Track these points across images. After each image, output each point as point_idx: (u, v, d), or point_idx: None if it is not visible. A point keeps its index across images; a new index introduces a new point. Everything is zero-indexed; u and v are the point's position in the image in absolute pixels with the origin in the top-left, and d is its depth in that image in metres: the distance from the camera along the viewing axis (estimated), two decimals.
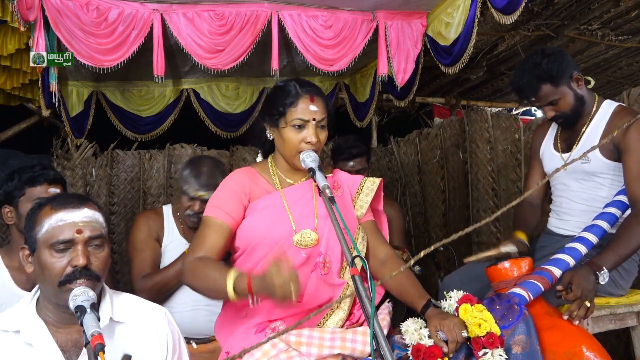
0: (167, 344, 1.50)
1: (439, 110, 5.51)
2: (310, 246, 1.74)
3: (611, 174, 2.09)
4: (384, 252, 1.86)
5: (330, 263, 1.75)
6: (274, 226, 1.74)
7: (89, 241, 1.40)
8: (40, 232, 1.39)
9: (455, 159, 4.13)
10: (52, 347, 1.37)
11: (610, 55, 4.33)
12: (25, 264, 1.45)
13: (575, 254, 1.91)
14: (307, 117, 1.75)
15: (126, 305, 1.51)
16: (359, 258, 1.46)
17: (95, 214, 1.45)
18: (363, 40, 3.09)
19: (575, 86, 2.11)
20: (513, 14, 2.47)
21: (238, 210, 1.76)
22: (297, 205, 1.78)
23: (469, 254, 2.22)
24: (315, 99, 1.77)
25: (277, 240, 1.73)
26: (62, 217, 1.39)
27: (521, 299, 1.73)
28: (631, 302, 2.07)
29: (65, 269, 1.37)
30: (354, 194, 1.91)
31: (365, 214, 1.91)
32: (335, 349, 1.60)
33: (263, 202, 1.78)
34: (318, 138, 1.76)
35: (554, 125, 2.31)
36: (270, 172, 1.86)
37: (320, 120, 1.77)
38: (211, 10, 2.83)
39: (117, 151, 3.96)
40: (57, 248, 1.37)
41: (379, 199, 1.97)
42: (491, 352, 1.57)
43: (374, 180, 1.94)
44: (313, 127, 1.75)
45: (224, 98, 4.02)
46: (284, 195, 1.79)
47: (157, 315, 1.52)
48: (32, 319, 1.40)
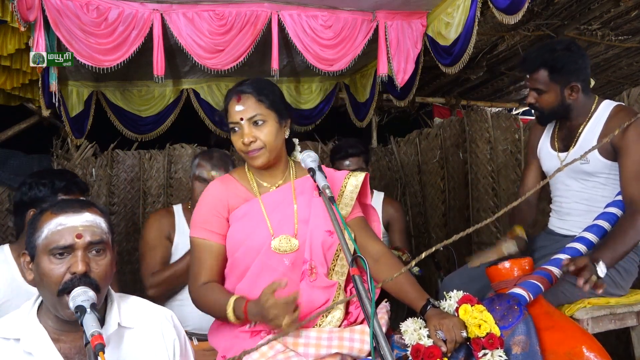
0: (173, 349, 1.48)
1: (439, 110, 5.51)
2: (291, 252, 1.72)
3: (610, 173, 2.09)
4: (375, 249, 1.81)
5: (316, 268, 1.73)
6: (252, 234, 1.73)
7: (89, 247, 1.34)
8: (40, 238, 1.33)
9: (455, 159, 4.13)
10: (54, 356, 1.32)
11: (610, 55, 4.33)
12: (25, 271, 1.39)
13: (576, 253, 1.92)
14: (236, 119, 1.73)
15: (133, 309, 1.48)
16: (360, 258, 1.45)
17: (97, 218, 1.38)
18: (363, 40, 3.09)
19: (566, 93, 2.11)
20: (516, 14, 2.47)
21: (221, 225, 1.76)
22: (276, 211, 1.76)
23: (469, 254, 2.23)
24: (241, 97, 1.72)
25: (257, 247, 1.71)
26: (61, 221, 1.33)
27: (521, 299, 1.73)
28: (631, 302, 2.07)
29: (64, 276, 1.30)
30: (337, 193, 1.83)
31: (352, 211, 1.84)
32: (333, 348, 1.60)
33: (241, 210, 1.77)
34: (254, 136, 1.70)
35: (551, 123, 2.31)
36: (248, 177, 1.84)
37: (252, 117, 1.71)
38: (211, 10, 2.83)
39: (117, 151, 3.96)
40: (56, 254, 1.31)
41: (366, 192, 1.91)
42: (491, 353, 1.57)
43: (357, 176, 1.85)
44: (247, 126, 1.71)
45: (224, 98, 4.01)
46: (262, 201, 1.78)
47: (164, 320, 1.49)
48: (33, 326, 1.35)
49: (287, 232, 1.73)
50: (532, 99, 2.17)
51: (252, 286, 1.70)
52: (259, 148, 1.72)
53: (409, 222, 4.58)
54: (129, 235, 3.90)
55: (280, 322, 1.47)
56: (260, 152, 1.73)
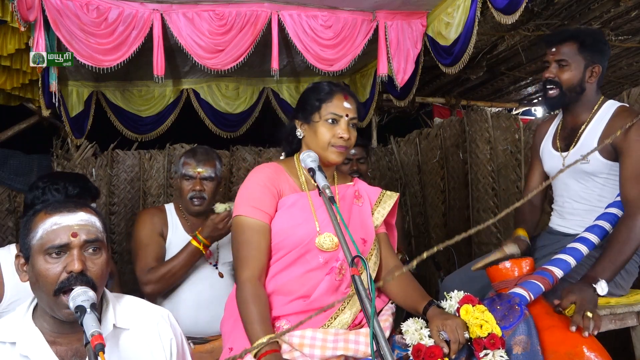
0: (170, 348, 1.47)
1: (439, 110, 5.52)
2: (330, 250, 1.74)
3: (610, 174, 2.08)
4: (392, 264, 1.89)
5: (345, 271, 1.75)
6: (300, 225, 1.74)
7: (85, 245, 1.33)
8: (35, 238, 1.32)
9: (455, 159, 4.13)
10: (50, 359, 1.32)
11: (610, 55, 4.32)
12: (20, 272, 1.38)
13: (576, 254, 1.91)
14: (341, 113, 1.80)
15: (129, 310, 1.47)
16: (360, 258, 1.45)
17: (91, 217, 1.38)
18: (363, 40, 3.09)
19: (587, 74, 2.10)
20: (514, 14, 2.48)
21: (272, 206, 1.76)
22: (321, 210, 1.77)
23: (469, 254, 2.22)
24: (348, 98, 1.84)
25: (301, 240, 1.72)
26: (56, 220, 1.33)
27: (522, 299, 1.72)
28: (631, 302, 2.06)
29: (60, 276, 1.29)
30: (374, 205, 1.93)
31: (380, 226, 1.93)
32: (339, 350, 1.60)
33: (290, 199, 1.78)
34: (350, 134, 1.80)
35: (555, 123, 2.31)
36: (297, 171, 1.86)
37: (353, 118, 1.82)
38: (211, 10, 2.83)
39: (117, 151, 3.96)
40: (52, 253, 1.30)
41: (394, 213, 1.99)
42: (492, 353, 1.56)
43: (392, 195, 1.96)
44: (345, 123, 1.80)
45: (224, 98, 4.02)
46: (310, 197, 1.80)
47: (161, 319, 1.49)
48: (29, 329, 1.34)
49: (331, 231, 1.75)
50: (551, 74, 2.11)
51: (279, 273, 1.73)
52: (348, 147, 1.82)
53: (409, 222, 4.58)
54: (129, 236, 3.89)
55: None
56: (345, 151, 1.82)
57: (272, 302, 1.71)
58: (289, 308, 1.70)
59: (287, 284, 1.72)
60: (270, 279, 1.74)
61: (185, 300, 2.40)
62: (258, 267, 1.71)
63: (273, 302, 1.72)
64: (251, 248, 1.71)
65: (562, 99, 2.14)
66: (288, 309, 1.70)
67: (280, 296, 1.72)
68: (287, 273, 1.73)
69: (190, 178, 2.47)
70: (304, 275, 1.72)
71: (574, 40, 2.09)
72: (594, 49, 2.09)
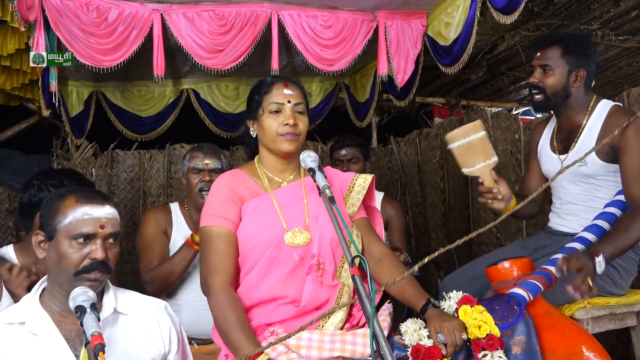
0: (169, 336, 1.57)
1: (439, 110, 5.52)
2: (302, 245, 1.72)
3: (607, 175, 2.08)
4: (378, 250, 1.84)
5: (324, 264, 1.73)
6: (266, 228, 1.72)
7: (108, 237, 1.48)
8: (63, 222, 1.44)
9: (455, 159, 4.11)
10: (56, 337, 1.42)
11: (610, 55, 4.33)
12: (36, 249, 1.50)
13: (574, 252, 1.91)
14: (282, 100, 1.77)
15: (129, 299, 1.58)
16: (360, 258, 1.45)
17: (114, 212, 1.53)
18: (363, 40, 3.09)
19: (571, 79, 2.10)
20: (513, 14, 2.48)
21: (237, 213, 1.75)
22: (288, 206, 1.76)
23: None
24: (288, 84, 1.80)
25: (269, 241, 1.71)
26: (87, 211, 1.46)
27: (521, 299, 1.72)
28: (631, 302, 2.06)
29: (82, 261, 1.43)
30: (345, 192, 1.88)
31: (358, 212, 1.88)
32: (335, 351, 1.59)
33: (252, 204, 1.76)
34: (296, 121, 1.76)
35: (551, 124, 2.31)
36: (258, 172, 1.84)
37: (297, 104, 1.78)
38: (211, 10, 2.83)
39: (117, 151, 3.96)
40: (79, 240, 1.44)
41: (372, 195, 1.94)
42: (491, 354, 1.56)
43: (365, 177, 1.90)
44: (289, 109, 1.77)
45: (224, 98, 4.02)
46: (275, 196, 1.78)
47: (159, 309, 1.60)
48: (37, 310, 1.46)
49: (299, 225, 1.74)
50: (535, 79, 2.14)
51: (260, 280, 1.71)
52: (297, 134, 1.77)
53: (409, 222, 4.58)
54: (129, 236, 3.89)
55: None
56: (296, 138, 1.77)
57: (260, 312, 1.70)
58: (280, 314, 1.69)
59: (271, 291, 1.70)
60: (252, 289, 1.71)
61: (189, 302, 2.41)
62: (229, 274, 1.70)
63: (261, 311, 1.70)
64: (220, 256, 1.70)
65: (548, 104, 2.17)
66: (279, 314, 1.69)
67: (267, 304, 1.70)
68: (267, 280, 1.70)
69: (198, 171, 2.48)
70: (284, 277, 1.70)
71: (558, 44, 2.10)
72: (579, 54, 2.09)
